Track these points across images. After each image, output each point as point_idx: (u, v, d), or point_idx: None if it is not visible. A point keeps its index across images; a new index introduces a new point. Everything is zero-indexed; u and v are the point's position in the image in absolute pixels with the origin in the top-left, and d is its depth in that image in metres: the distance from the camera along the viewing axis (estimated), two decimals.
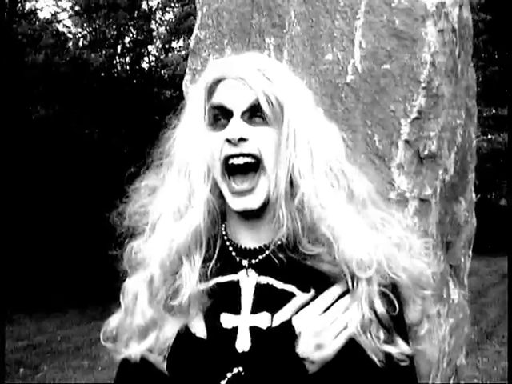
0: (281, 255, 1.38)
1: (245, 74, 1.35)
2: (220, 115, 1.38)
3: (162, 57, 15.07)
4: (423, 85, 1.77)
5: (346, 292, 1.34)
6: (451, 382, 2.10)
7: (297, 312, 1.33)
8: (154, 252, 1.40)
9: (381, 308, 1.32)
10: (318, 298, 1.34)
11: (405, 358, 1.34)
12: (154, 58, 15.43)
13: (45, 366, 7.89)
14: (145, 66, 15.19)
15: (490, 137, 16.18)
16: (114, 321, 1.48)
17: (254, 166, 1.35)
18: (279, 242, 1.39)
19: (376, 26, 1.81)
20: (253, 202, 1.36)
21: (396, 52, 1.79)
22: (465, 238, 2.13)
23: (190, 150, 1.42)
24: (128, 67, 14.67)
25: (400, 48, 1.79)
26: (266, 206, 1.38)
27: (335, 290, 1.35)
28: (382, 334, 1.32)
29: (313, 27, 1.88)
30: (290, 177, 1.37)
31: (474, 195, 2.21)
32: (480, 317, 9.49)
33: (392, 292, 1.35)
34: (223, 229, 1.48)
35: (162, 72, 14.55)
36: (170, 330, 1.38)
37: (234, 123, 1.34)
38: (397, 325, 1.35)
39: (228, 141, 1.34)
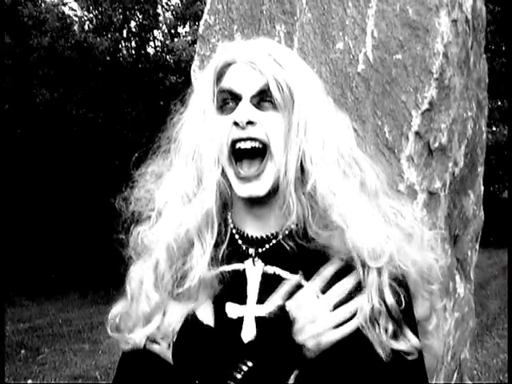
0: (290, 243, 1.36)
1: (255, 58, 1.33)
2: (229, 99, 1.35)
3: (167, 42, 14.99)
4: (435, 76, 1.74)
5: (346, 271, 1.32)
6: (455, 375, 2.09)
7: (291, 296, 1.31)
8: (160, 237, 1.38)
9: (391, 299, 1.29)
10: (316, 280, 1.31)
11: (413, 351, 1.32)
12: (159, 43, 15.35)
13: (45, 348, 7.92)
14: (150, 50, 15.13)
15: (494, 129, 16.12)
16: (117, 308, 1.46)
17: (261, 152, 1.32)
18: (288, 230, 1.37)
19: (389, 14, 1.78)
20: (259, 189, 1.33)
21: (408, 42, 1.76)
22: (472, 231, 2.11)
23: (199, 133, 1.40)
24: (133, 52, 14.60)
25: (412, 38, 1.76)
26: (273, 193, 1.35)
27: (345, 281, 1.33)
28: (390, 326, 1.29)
29: (324, 15, 1.85)
30: (301, 163, 1.34)
31: (482, 188, 2.19)
32: (480, 309, 9.48)
33: (401, 285, 1.33)
34: (229, 216, 1.46)
35: (168, 57, 14.48)
36: (176, 315, 1.36)
37: (243, 106, 1.31)
38: (406, 317, 1.33)
39: (236, 124, 1.31)
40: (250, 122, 1.31)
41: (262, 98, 1.33)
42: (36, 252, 12.02)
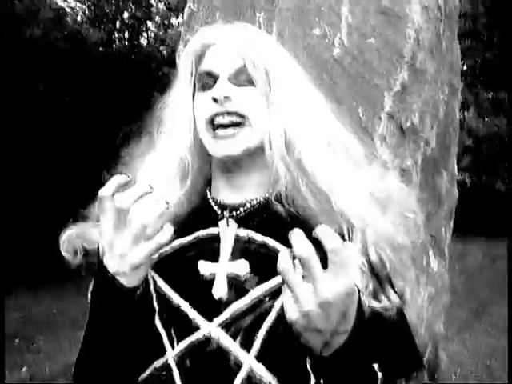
0: (274, 209, 1.42)
1: (233, 40, 1.41)
2: (208, 80, 1.43)
3: (160, 33, 15.03)
4: (406, 59, 1.84)
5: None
6: (429, 347, 2.19)
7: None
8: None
9: (374, 256, 1.36)
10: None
11: (392, 308, 1.35)
12: (152, 35, 15.38)
13: (40, 336, 8.02)
14: (143, 41, 15.16)
15: (486, 120, 16.22)
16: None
17: (238, 125, 1.39)
18: (277, 195, 1.43)
19: (363, 1, 1.88)
20: (233, 148, 1.39)
21: (381, 27, 1.85)
22: (446, 209, 2.21)
23: (179, 110, 1.49)
24: (127, 43, 14.63)
25: (385, 23, 1.85)
26: (251, 161, 1.43)
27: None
28: (370, 285, 1.34)
29: (302, 1, 1.94)
30: (285, 134, 1.41)
31: (455, 167, 2.28)
32: (471, 297, 9.62)
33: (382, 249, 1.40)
34: (208, 190, 1.53)
35: (161, 48, 14.52)
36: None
37: (220, 83, 1.39)
38: (388, 277, 1.40)
39: (214, 100, 1.39)
40: (226, 97, 1.39)
41: (240, 76, 1.41)
42: (30, 241, 12.07)
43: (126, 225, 1.29)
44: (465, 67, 15.36)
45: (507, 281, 7.80)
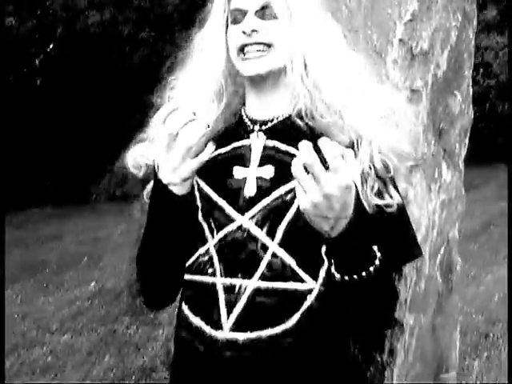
0: (298, 123, 1.71)
1: None
2: (238, 15, 1.71)
3: None
4: None
5: None
6: (442, 249, 2.47)
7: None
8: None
9: (379, 163, 1.64)
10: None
11: (393, 204, 1.65)
12: None
13: (105, 256, 8.57)
14: None
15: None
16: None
17: (264, 51, 1.68)
18: (298, 111, 1.72)
19: None
20: (260, 67, 1.69)
21: None
22: (460, 127, 2.45)
23: (215, 41, 1.77)
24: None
25: None
26: (276, 80, 1.73)
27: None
28: (376, 185, 1.64)
29: None
30: (304, 60, 1.69)
31: (471, 90, 2.51)
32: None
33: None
34: (243, 110, 1.84)
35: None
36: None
37: (248, 18, 1.68)
38: (392, 179, 1.68)
39: (243, 32, 1.68)
40: (254, 30, 1.67)
41: (265, 12, 1.69)
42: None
43: (175, 146, 1.64)
44: None
45: None
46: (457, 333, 2.70)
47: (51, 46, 15.48)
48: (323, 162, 1.38)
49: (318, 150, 1.41)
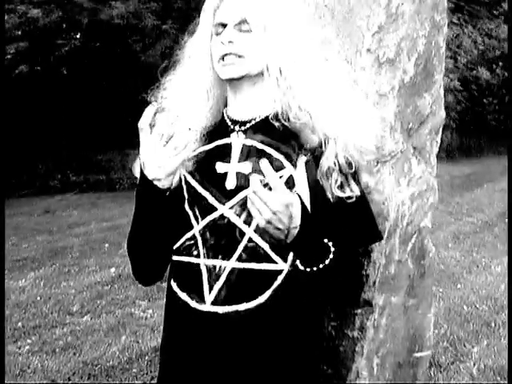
0: (274, 124, 1.97)
1: None
2: (221, 28, 1.98)
3: None
4: (383, 6, 2.30)
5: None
6: (413, 238, 2.70)
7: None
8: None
9: (342, 159, 1.91)
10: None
11: (353, 196, 1.94)
12: None
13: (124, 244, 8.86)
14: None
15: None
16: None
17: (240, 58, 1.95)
18: (274, 113, 1.98)
19: None
20: (235, 72, 1.95)
21: None
22: (430, 126, 2.67)
23: (201, 50, 2.04)
24: None
25: None
26: (252, 84, 1.99)
27: None
28: (339, 179, 1.91)
29: None
30: (280, 68, 1.95)
31: (442, 92, 2.73)
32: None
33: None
34: (225, 110, 2.10)
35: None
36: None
37: (227, 30, 1.94)
38: (353, 174, 1.96)
39: (222, 43, 1.94)
40: (230, 42, 1.94)
41: (242, 26, 1.95)
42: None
43: (162, 145, 1.91)
44: None
45: None
46: (431, 315, 2.93)
47: (77, 36, 15.81)
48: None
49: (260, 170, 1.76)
